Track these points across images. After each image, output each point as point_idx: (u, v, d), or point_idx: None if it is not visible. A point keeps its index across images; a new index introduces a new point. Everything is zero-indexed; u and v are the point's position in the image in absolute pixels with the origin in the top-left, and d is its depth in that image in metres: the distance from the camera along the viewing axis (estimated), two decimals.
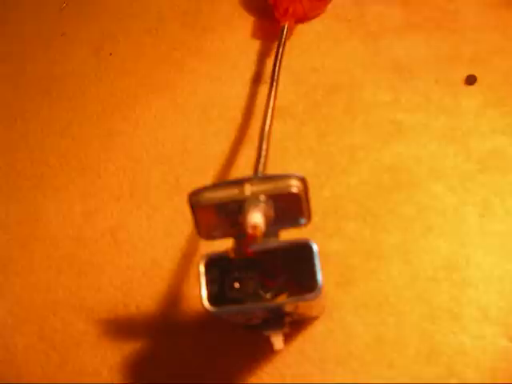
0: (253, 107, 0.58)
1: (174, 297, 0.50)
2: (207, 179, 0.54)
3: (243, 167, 0.54)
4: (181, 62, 0.63)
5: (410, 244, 0.49)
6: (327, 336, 0.47)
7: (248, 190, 0.35)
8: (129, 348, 0.50)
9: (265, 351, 0.46)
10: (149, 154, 0.58)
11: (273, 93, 0.49)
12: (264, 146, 0.42)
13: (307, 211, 0.36)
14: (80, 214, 0.57)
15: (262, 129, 0.44)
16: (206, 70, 0.62)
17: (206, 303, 0.35)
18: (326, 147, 0.54)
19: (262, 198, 0.35)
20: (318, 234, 0.50)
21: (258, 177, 0.36)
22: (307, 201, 0.36)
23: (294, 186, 0.35)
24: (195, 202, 0.36)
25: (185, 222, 0.53)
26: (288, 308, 0.37)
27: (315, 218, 0.38)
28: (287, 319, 0.38)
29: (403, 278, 0.48)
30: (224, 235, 0.37)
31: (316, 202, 0.50)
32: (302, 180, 0.35)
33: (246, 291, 0.37)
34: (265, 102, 0.50)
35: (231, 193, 0.35)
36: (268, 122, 0.45)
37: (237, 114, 0.58)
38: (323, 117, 0.56)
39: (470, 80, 0.55)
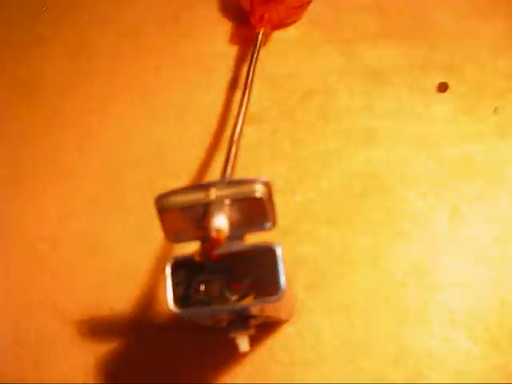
0: (228, 113, 0.58)
1: (147, 299, 0.51)
2: (181, 183, 0.54)
3: (217, 172, 0.54)
4: (157, 66, 0.64)
5: (379, 249, 0.50)
6: (296, 338, 0.47)
7: (213, 194, 0.35)
8: (103, 349, 0.50)
9: (234, 353, 0.47)
10: (124, 158, 0.58)
11: (245, 98, 0.50)
12: (233, 151, 0.42)
13: (272, 215, 0.37)
14: (55, 216, 0.57)
15: (232, 133, 0.44)
16: (182, 75, 0.62)
17: (171, 305, 0.36)
18: (298, 153, 0.55)
19: (227, 202, 0.35)
20: (289, 238, 0.50)
21: (224, 181, 0.36)
22: (272, 205, 0.36)
23: (258, 191, 0.35)
24: (161, 205, 0.36)
25: (159, 225, 0.54)
26: (253, 310, 0.38)
27: (286, 222, 0.38)
28: (253, 322, 0.39)
29: (372, 282, 0.48)
30: (191, 238, 0.37)
31: (287, 207, 0.52)
32: (267, 184, 0.35)
33: (212, 294, 0.37)
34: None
35: (197, 197, 0.35)
36: (238, 127, 0.45)
37: (212, 120, 0.58)
38: (297, 122, 0.57)
39: (442, 87, 0.56)
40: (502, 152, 0.53)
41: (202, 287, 0.37)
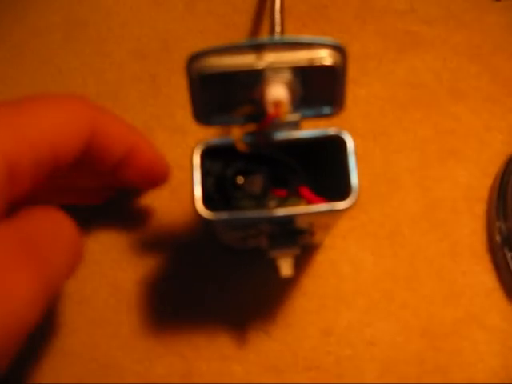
0: (248, 6, 0.46)
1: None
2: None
3: None
4: None
5: (426, 169, 0.39)
6: (328, 268, 0.36)
7: (268, 57, 0.24)
8: None
9: (259, 283, 0.36)
10: (121, 49, 0.46)
11: None
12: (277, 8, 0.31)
13: (341, 95, 0.25)
14: None
15: None
16: None
17: (199, 205, 0.24)
18: None
19: (286, 69, 0.24)
20: None
21: (280, 41, 0.25)
22: (344, 80, 0.25)
23: (329, 57, 0.24)
24: (196, 68, 0.24)
25: (160, 127, 0.42)
26: (303, 222, 0.27)
27: None
28: (299, 238, 0.28)
29: (418, 207, 0.38)
30: (229, 119, 0.26)
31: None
32: (341, 50, 0.24)
33: (251, 191, 0.26)
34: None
35: (245, 60, 0.24)
36: None
37: (228, 11, 0.46)
38: (329, 20, 0.45)
39: None
40: None
41: (241, 180, 0.26)
